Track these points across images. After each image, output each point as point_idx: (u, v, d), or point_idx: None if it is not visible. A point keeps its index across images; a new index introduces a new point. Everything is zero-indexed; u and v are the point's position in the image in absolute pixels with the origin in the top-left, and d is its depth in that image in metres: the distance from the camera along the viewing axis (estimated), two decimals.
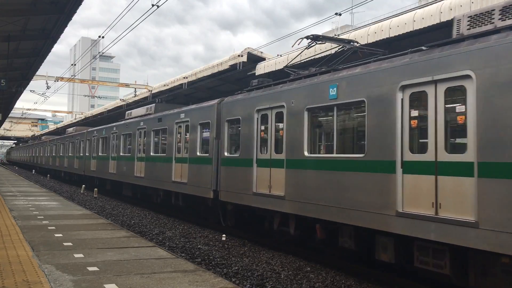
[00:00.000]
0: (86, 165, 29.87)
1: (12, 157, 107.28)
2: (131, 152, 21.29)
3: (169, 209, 18.57)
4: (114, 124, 25.31)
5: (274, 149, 11.35)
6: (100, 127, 28.09)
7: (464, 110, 7.02)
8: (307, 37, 11.31)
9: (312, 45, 11.62)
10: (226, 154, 13.33)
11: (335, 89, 9.48)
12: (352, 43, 11.51)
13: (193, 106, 15.84)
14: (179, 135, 16.56)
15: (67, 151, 36.79)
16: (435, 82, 7.43)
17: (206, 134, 14.62)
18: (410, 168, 7.71)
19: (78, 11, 14.24)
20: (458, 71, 7.07)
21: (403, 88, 7.92)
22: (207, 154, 14.25)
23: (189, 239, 13.13)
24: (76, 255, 8.33)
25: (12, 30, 16.08)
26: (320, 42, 11.39)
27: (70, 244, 9.44)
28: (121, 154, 22.89)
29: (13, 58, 19.55)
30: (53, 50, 21.43)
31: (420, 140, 7.75)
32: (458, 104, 7.15)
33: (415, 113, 7.78)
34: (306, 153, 10.15)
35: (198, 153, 14.82)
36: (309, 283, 8.75)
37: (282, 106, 11.07)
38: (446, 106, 7.28)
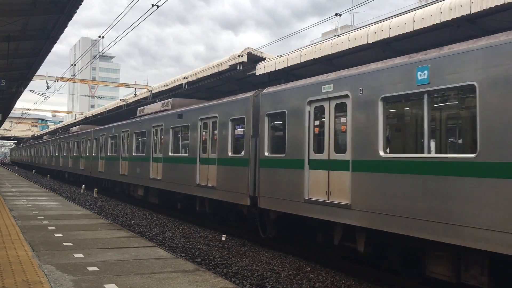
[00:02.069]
0: (93, 166, 28.15)
1: (12, 157, 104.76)
2: (146, 152, 19.51)
3: (169, 210, 18.54)
4: (125, 121, 23.43)
5: (334, 148, 9.49)
6: (109, 125, 26.30)
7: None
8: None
9: None
10: (266, 154, 11.51)
11: (426, 72, 7.71)
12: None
13: (223, 100, 13.93)
14: (204, 133, 14.74)
15: (72, 151, 35.00)
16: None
17: (239, 132, 12.85)
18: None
19: (78, 11, 14.22)
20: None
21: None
22: (242, 155, 12.46)
23: (189, 239, 13.13)
24: (76, 255, 8.33)
25: (12, 30, 16.07)
26: None
27: (70, 244, 9.44)
28: (133, 154, 21.17)
29: (13, 58, 19.53)
30: (53, 50, 21.34)
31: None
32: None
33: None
34: (381, 153, 8.30)
35: (229, 154, 13.05)
36: (309, 283, 8.75)
37: (346, 96, 9.27)
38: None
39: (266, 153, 11.61)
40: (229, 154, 13.06)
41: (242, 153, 12.46)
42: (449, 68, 7.29)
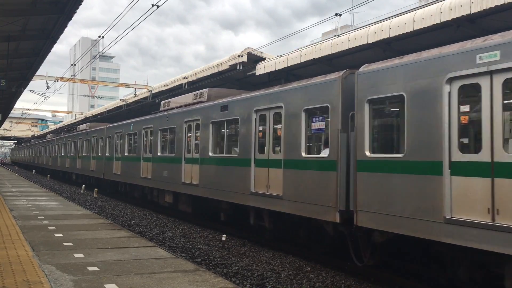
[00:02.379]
0: (107, 167, 25.25)
1: (13, 157, 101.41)
2: (176, 152, 16.67)
3: (170, 210, 18.53)
4: (147, 117, 20.63)
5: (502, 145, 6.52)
6: (127, 121, 23.16)
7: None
8: None
9: None
10: (368, 154, 8.46)
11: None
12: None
13: (291, 85, 11.10)
14: (261, 127, 11.98)
15: (80, 150, 32.13)
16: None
17: (318, 125, 10.08)
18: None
19: (78, 11, 14.21)
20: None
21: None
22: (325, 156, 9.58)
23: (189, 239, 13.13)
24: (76, 255, 8.34)
25: (12, 30, 16.08)
26: None
27: (70, 244, 9.45)
28: (158, 154, 18.36)
29: (13, 58, 19.54)
30: (53, 50, 21.21)
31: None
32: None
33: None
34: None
35: (303, 154, 10.22)
36: (309, 283, 8.75)
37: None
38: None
39: (367, 153, 8.56)
40: (303, 154, 10.23)
41: (325, 154, 9.64)
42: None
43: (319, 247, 10.73)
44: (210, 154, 14.32)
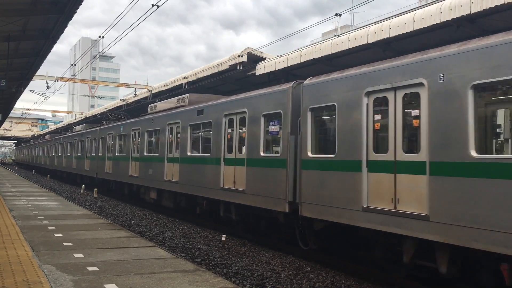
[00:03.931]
0: (100, 167, 26.52)
1: (16, 157, 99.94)
2: (160, 152, 17.87)
3: (170, 210, 18.55)
4: (135, 119, 21.66)
5: (403, 147, 7.99)
6: (118, 123, 24.38)
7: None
8: None
9: None
10: (310, 154, 9.95)
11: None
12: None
13: (253, 93, 12.44)
14: (230, 130, 13.30)
15: (76, 150, 33.12)
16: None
17: (274, 129, 11.42)
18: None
19: (79, 10, 14.28)
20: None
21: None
22: (277, 155, 11.00)
23: (189, 239, 13.13)
24: (76, 255, 8.33)
25: (12, 30, 16.08)
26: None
27: (70, 244, 9.44)
28: (145, 154, 19.56)
29: (13, 58, 19.54)
30: (53, 49, 21.21)
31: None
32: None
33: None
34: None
35: (261, 153, 11.58)
36: (309, 283, 8.75)
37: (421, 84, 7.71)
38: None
39: (309, 153, 10.04)
40: (261, 153, 11.62)
41: (278, 153, 11.04)
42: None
43: (275, 235, 12.35)
44: (188, 153, 15.66)
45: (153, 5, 13.29)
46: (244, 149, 12.41)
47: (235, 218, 13.12)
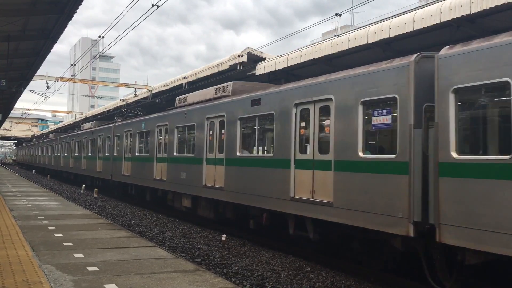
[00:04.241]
0: (115, 168, 23.55)
1: (17, 157, 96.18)
2: (195, 152, 15.14)
3: (170, 210, 18.54)
4: (161, 114, 18.76)
5: None
6: (138, 118, 21.54)
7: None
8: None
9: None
10: (455, 155, 7.09)
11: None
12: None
13: (342, 74, 9.54)
14: (303, 123, 10.53)
15: (85, 150, 30.24)
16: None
17: (382, 120, 8.47)
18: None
19: (79, 10, 14.29)
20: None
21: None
22: (392, 156, 8.13)
23: (189, 239, 13.13)
24: (76, 255, 8.34)
25: (12, 30, 16.08)
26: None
27: (70, 244, 9.45)
28: (175, 154, 16.74)
29: (13, 58, 19.54)
30: (53, 49, 21.08)
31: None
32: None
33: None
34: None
35: (360, 154, 8.74)
36: (309, 283, 8.75)
37: None
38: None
39: (453, 154, 7.13)
40: (360, 154, 8.77)
41: (392, 154, 8.18)
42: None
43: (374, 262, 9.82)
44: (238, 154, 12.81)
45: (153, 5, 13.30)
46: (330, 148, 9.54)
47: (314, 237, 10.18)
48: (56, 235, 10.50)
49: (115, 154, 23.79)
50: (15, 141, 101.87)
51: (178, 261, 8.33)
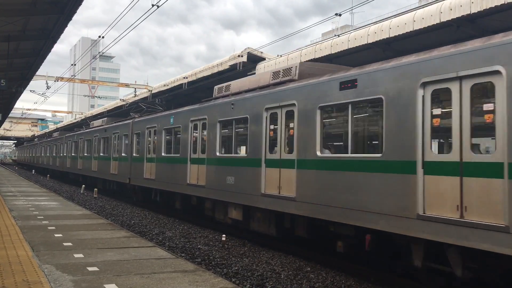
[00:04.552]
0: (135, 171, 20.51)
1: (18, 157, 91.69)
2: (249, 151, 12.33)
3: (170, 210, 18.52)
4: (196, 106, 15.60)
5: None
6: (164, 113, 18.55)
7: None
8: None
9: None
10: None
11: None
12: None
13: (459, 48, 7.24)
14: (440, 110, 7.53)
15: (96, 150, 27.34)
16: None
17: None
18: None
19: (80, 10, 14.32)
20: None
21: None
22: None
23: (189, 239, 13.13)
24: (76, 255, 8.33)
25: (12, 30, 16.09)
26: None
27: (70, 244, 9.44)
28: (217, 154, 13.75)
29: (13, 58, 19.55)
30: (54, 49, 21.03)
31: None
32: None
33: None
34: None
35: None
36: (309, 283, 8.75)
37: None
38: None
39: None
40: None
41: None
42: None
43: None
44: (319, 154, 9.87)
45: (153, 5, 13.30)
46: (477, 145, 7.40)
47: (462, 275, 7.22)
48: (56, 235, 10.49)
49: (134, 154, 20.68)
50: (15, 141, 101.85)
51: (178, 261, 8.32)
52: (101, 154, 26.35)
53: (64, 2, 13.72)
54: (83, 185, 28.87)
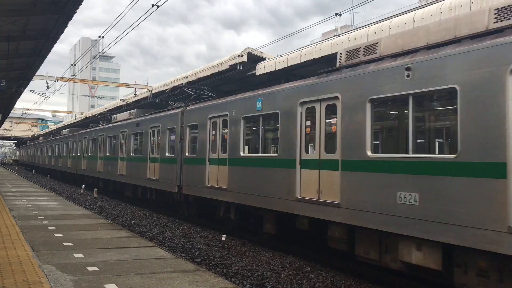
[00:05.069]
0: (190, 176, 15.59)
1: (21, 158, 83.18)
2: (285, 151, 10.83)
3: (170, 210, 18.52)
4: (307, 81, 10.47)
5: None
6: (239, 96, 13.40)
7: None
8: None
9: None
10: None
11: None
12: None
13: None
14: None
15: (125, 149, 22.70)
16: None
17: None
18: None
19: (80, 10, 14.34)
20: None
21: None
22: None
23: (189, 239, 13.13)
24: (76, 255, 8.33)
25: (12, 30, 16.08)
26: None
27: (70, 244, 9.44)
28: (242, 154, 12.58)
29: (13, 58, 19.54)
30: (54, 49, 20.96)
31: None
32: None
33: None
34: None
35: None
36: (309, 283, 8.75)
37: None
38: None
39: None
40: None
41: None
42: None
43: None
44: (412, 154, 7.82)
45: (153, 5, 13.29)
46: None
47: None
48: (56, 235, 10.50)
49: (187, 154, 16.05)
50: (15, 141, 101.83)
51: (178, 261, 8.33)
52: (131, 154, 21.80)
53: (64, 2, 13.71)
54: (83, 185, 28.86)
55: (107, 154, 25.74)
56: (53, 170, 45.02)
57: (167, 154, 17.64)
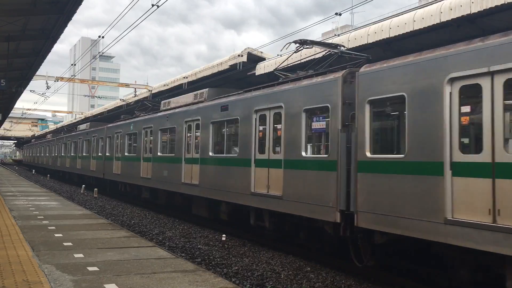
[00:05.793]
0: (240, 180, 12.46)
1: (25, 157, 75.61)
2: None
3: (169, 209, 18.54)
4: (408, 59, 7.99)
5: None
6: (188, 108, 14.61)
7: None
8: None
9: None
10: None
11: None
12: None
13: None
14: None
15: (147, 148, 19.35)
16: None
17: None
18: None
19: (80, 10, 14.32)
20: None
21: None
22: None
23: (189, 239, 13.13)
24: (76, 255, 8.33)
25: (12, 30, 16.08)
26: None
27: (70, 244, 9.45)
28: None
29: (13, 58, 19.55)
30: (54, 49, 20.89)
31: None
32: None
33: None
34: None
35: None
36: (309, 283, 8.75)
37: None
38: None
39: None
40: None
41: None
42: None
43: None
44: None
45: (153, 5, 13.29)
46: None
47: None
48: (56, 235, 10.50)
49: (218, 153, 14.14)
50: (15, 141, 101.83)
51: (178, 261, 8.33)
52: (158, 154, 18.16)
53: (64, 2, 13.71)
54: (83, 185, 28.86)
55: (158, 154, 18.33)
56: (67, 173, 37.87)
57: (160, 154, 18.24)
